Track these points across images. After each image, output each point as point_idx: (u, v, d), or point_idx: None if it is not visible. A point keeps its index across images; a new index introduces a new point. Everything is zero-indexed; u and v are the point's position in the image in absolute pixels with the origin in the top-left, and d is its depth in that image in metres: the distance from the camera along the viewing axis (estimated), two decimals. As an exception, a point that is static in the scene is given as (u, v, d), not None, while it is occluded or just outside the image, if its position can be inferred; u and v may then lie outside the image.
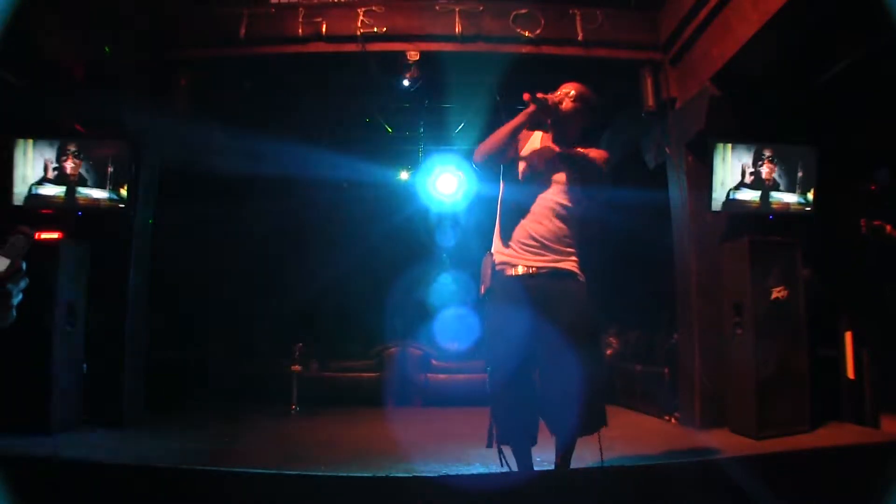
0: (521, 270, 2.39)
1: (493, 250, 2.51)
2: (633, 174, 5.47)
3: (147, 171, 4.57)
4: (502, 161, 2.52)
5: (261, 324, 6.40)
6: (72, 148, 4.18)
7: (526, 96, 2.37)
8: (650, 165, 5.11)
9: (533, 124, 2.49)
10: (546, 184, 2.46)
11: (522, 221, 2.41)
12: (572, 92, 2.51)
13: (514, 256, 2.41)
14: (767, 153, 4.20)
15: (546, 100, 2.38)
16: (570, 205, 2.45)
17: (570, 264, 2.42)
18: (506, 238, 2.45)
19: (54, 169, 4.15)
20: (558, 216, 2.43)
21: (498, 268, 2.44)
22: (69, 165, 4.17)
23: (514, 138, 2.45)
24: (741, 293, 4.00)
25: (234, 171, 6.30)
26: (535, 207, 2.44)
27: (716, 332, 4.20)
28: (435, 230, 6.97)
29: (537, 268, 2.38)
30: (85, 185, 4.18)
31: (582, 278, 2.44)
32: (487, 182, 2.62)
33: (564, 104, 2.47)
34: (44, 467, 2.70)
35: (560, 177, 2.47)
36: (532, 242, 2.40)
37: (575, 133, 2.55)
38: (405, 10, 4.45)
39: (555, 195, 2.45)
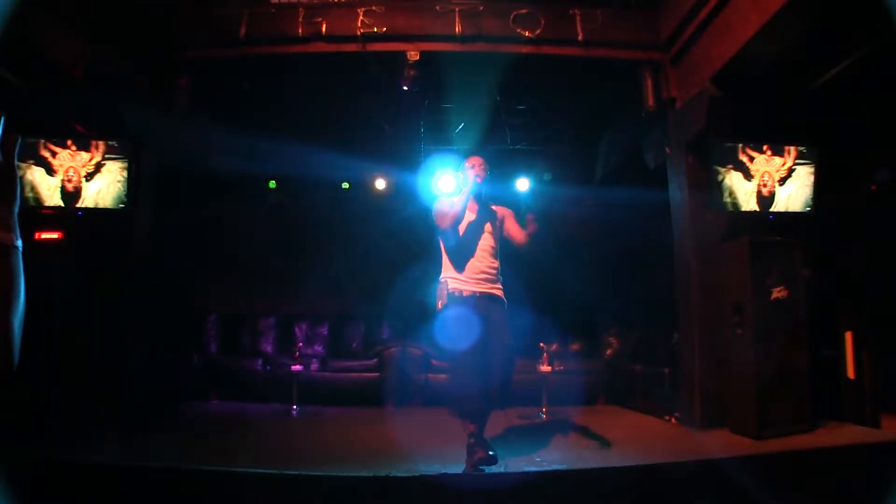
0: (469, 293, 3.29)
1: (444, 278, 3.36)
2: (633, 174, 5.47)
3: (147, 171, 4.57)
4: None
5: (261, 323, 6.41)
6: (72, 148, 4.19)
7: (472, 169, 3.40)
8: (650, 165, 5.11)
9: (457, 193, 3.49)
10: (479, 233, 3.40)
11: (469, 260, 3.34)
12: (480, 163, 3.43)
13: (465, 284, 3.31)
14: (767, 153, 4.21)
15: (475, 178, 3.38)
16: (496, 245, 3.42)
17: (498, 291, 3.37)
18: (457, 272, 3.35)
19: (54, 169, 4.15)
20: (490, 255, 3.38)
21: (452, 291, 3.31)
22: (69, 166, 4.18)
23: (463, 209, 3.37)
24: (741, 293, 4.01)
25: (234, 171, 6.31)
26: (475, 250, 3.35)
27: (716, 332, 4.20)
28: (435, 230, 6.95)
29: (480, 292, 3.30)
30: (84, 185, 4.19)
31: (504, 300, 3.38)
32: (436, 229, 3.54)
33: (478, 173, 3.39)
34: (44, 467, 2.70)
35: (487, 227, 3.43)
36: (476, 275, 3.32)
37: (486, 192, 3.50)
38: (405, 10, 4.45)
39: (486, 241, 3.39)
